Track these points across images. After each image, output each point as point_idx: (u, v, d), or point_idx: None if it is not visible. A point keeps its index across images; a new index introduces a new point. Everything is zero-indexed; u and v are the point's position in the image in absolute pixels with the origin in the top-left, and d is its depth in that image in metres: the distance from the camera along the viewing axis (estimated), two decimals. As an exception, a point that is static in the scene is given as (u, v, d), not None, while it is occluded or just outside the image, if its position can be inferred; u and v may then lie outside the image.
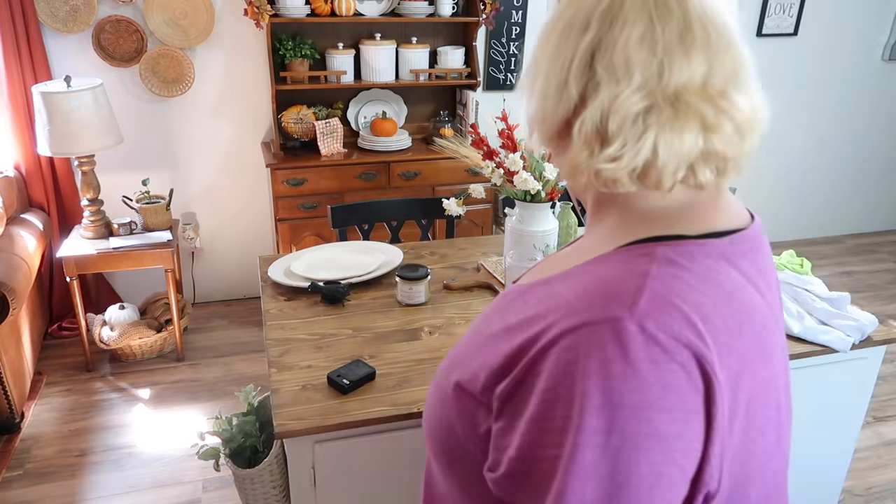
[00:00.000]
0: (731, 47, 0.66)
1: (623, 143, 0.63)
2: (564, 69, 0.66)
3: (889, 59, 4.08)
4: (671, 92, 0.63)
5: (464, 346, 0.76)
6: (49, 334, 3.14)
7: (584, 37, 0.65)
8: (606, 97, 0.63)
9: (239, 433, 1.69)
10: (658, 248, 0.65)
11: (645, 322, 0.58)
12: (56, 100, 2.52)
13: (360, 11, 2.99)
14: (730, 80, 0.65)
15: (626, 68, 0.63)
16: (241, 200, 3.38)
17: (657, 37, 0.63)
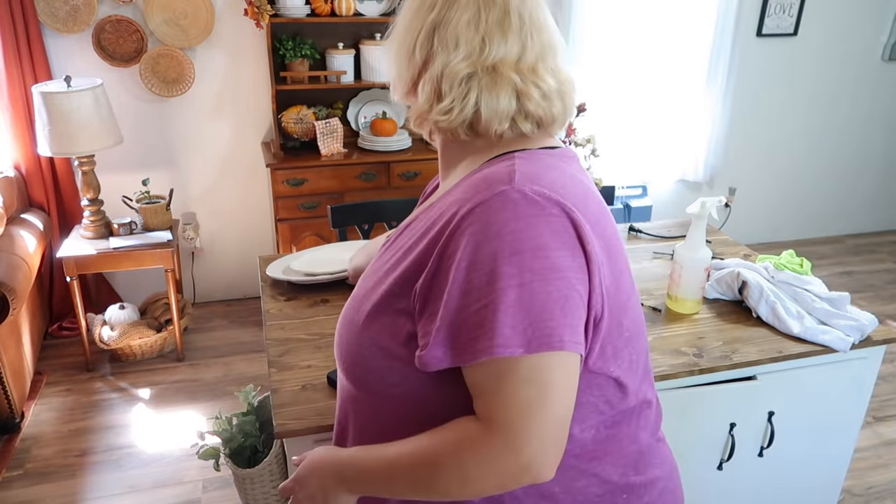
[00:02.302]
0: (541, 34, 0.86)
1: (452, 100, 0.83)
2: (413, 39, 0.86)
3: (889, 59, 4.08)
4: (490, 63, 0.83)
5: (362, 284, 0.91)
6: (49, 334, 3.14)
7: (430, 15, 0.84)
8: (441, 63, 0.84)
9: (239, 433, 1.70)
10: (515, 154, 0.85)
11: (523, 188, 0.77)
12: (56, 100, 2.52)
13: (360, 11, 2.99)
14: (539, 59, 0.85)
15: (456, 42, 0.83)
16: (241, 200, 3.38)
17: (481, 20, 0.83)
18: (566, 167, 0.86)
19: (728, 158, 4.03)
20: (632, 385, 0.89)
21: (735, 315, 1.70)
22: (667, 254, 2.05)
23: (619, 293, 0.84)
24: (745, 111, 3.96)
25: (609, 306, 0.82)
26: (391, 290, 0.83)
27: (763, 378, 1.56)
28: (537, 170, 0.81)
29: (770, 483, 1.74)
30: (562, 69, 0.88)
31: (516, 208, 0.75)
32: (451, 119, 0.84)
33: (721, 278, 1.74)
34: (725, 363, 1.51)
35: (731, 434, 1.61)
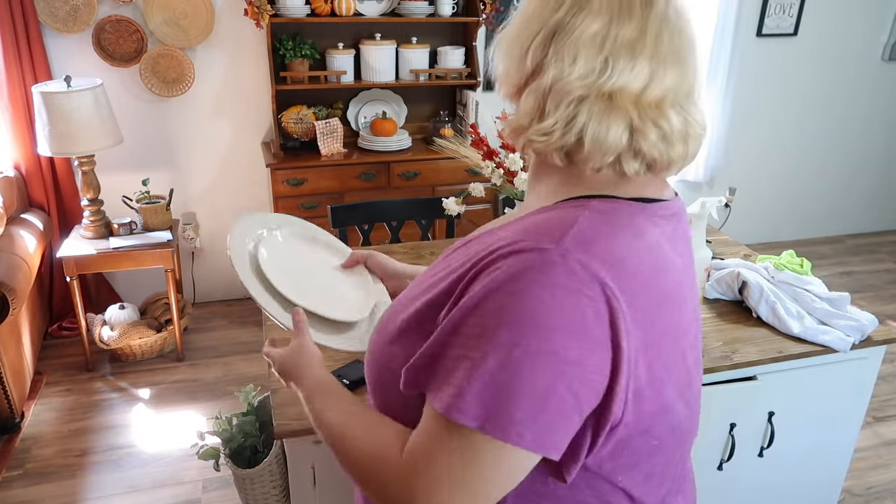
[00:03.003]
0: (680, 65, 0.71)
1: (555, 121, 0.71)
2: (529, 39, 0.73)
3: (889, 59, 4.08)
4: (607, 90, 0.69)
5: (408, 291, 0.84)
6: (49, 334, 3.14)
7: (554, 15, 0.71)
8: (552, 76, 0.70)
9: (239, 433, 1.70)
10: (592, 202, 0.73)
11: (567, 255, 0.65)
12: (56, 100, 2.52)
13: (360, 11, 2.99)
14: (667, 94, 0.71)
15: (575, 56, 0.69)
16: (241, 200, 3.38)
17: (610, 37, 0.69)
18: (651, 232, 0.73)
19: (728, 158, 4.03)
20: (648, 499, 0.79)
21: (735, 315, 1.70)
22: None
23: (657, 397, 0.72)
24: (745, 111, 3.96)
25: (635, 412, 0.70)
26: (421, 310, 0.76)
27: (763, 378, 1.56)
28: (603, 231, 0.69)
29: (770, 483, 1.74)
30: (693, 108, 0.75)
31: (549, 274, 0.65)
32: (548, 142, 0.72)
33: (721, 278, 1.74)
34: (726, 363, 1.51)
35: (732, 434, 1.61)
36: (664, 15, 0.70)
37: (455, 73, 3.20)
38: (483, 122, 3.09)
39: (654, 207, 0.75)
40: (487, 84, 3.50)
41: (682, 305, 0.76)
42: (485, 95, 3.46)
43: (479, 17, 3.10)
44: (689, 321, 0.78)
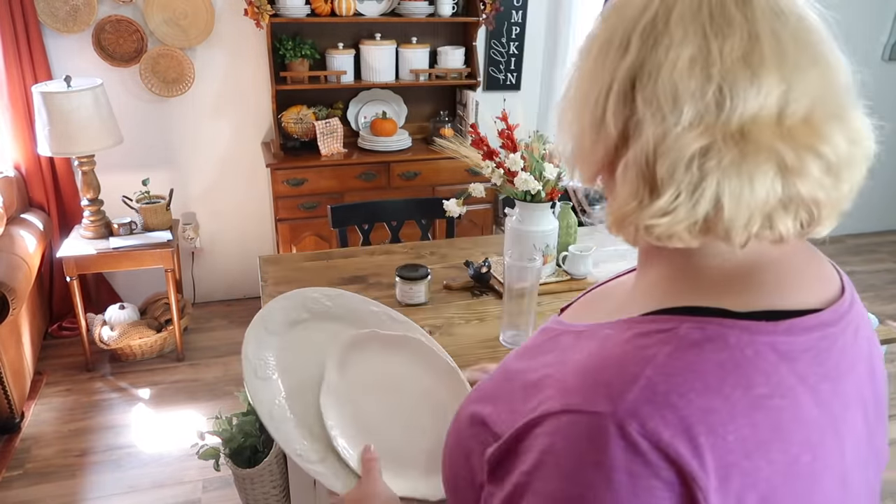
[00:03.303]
0: (820, 61, 0.54)
1: (676, 192, 0.51)
2: (601, 101, 0.54)
3: (889, 59, 4.08)
4: (735, 127, 0.50)
5: (492, 380, 0.68)
6: (49, 334, 3.13)
7: (624, 60, 0.53)
8: (651, 136, 0.51)
9: (239, 433, 1.70)
10: (684, 326, 0.53)
11: (627, 424, 0.48)
12: (56, 100, 2.52)
13: (360, 11, 2.99)
14: (817, 106, 0.52)
15: (674, 99, 0.50)
16: (241, 200, 3.38)
17: (714, 57, 0.50)
18: (764, 377, 0.51)
19: (728, 158, 4.02)
20: None
21: (735, 315, 1.70)
22: (667, 254, 2.05)
23: None
24: (745, 111, 3.96)
25: None
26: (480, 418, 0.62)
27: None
28: (686, 385, 0.50)
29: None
30: (854, 117, 0.57)
31: (605, 452, 0.48)
32: (672, 222, 0.52)
33: (721, 278, 1.74)
34: (726, 363, 1.50)
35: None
36: (771, 7, 0.52)
37: (455, 73, 3.20)
38: (483, 122, 3.09)
39: (787, 330, 0.54)
40: (487, 84, 3.50)
41: (819, 486, 0.54)
42: (485, 95, 3.46)
43: (479, 17, 3.10)
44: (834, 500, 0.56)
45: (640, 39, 0.52)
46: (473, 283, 1.83)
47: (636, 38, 0.52)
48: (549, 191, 1.69)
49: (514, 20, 3.40)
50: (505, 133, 1.71)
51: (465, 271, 1.89)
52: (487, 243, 2.16)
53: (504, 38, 3.43)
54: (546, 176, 1.66)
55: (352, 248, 2.14)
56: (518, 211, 1.74)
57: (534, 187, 1.64)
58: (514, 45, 3.45)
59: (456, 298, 1.78)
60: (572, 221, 1.94)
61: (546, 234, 1.73)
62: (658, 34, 0.52)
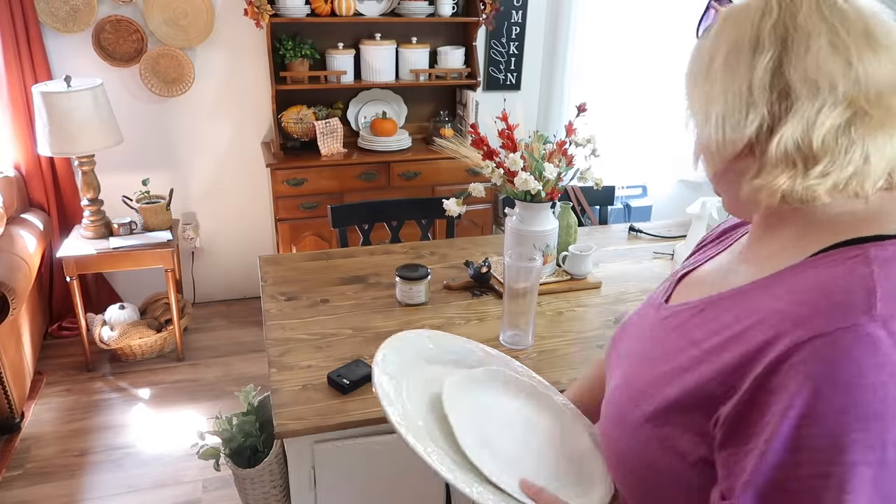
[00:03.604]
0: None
1: (832, 157, 0.61)
2: (745, 92, 0.63)
3: (889, 59, 4.08)
4: (874, 95, 0.60)
5: (637, 375, 0.73)
6: (49, 334, 3.14)
7: (761, 57, 0.63)
8: (806, 112, 0.61)
9: (239, 433, 1.69)
10: (870, 250, 0.61)
11: (890, 324, 0.55)
12: (56, 100, 2.52)
13: (360, 11, 2.99)
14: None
15: (826, 79, 0.60)
16: (241, 200, 3.38)
17: (847, 41, 0.61)
18: None
19: (728, 158, 4.02)
20: None
21: (735, 315, 1.70)
22: (667, 254, 2.05)
23: None
24: (746, 111, 3.96)
25: None
26: (681, 400, 0.67)
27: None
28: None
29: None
30: None
31: (878, 353, 0.54)
32: (824, 182, 0.62)
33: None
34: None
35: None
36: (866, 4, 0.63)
37: (455, 73, 3.20)
38: (483, 122, 3.09)
39: None
40: (487, 84, 3.50)
41: None
42: (485, 95, 3.46)
43: (479, 17, 3.10)
44: None
45: (772, 37, 0.63)
46: (473, 283, 1.83)
47: (767, 38, 0.63)
48: (549, 191, 1.69)
49: (514, 20, 3.40)
50: (505, 133, 1.71)
51: (465, 271, 1.89)
52: (487, 243, 2.16)
53: (504, 38, 3.43)
54: (546, 176, 1.66)
55: (352, 248, 2.14)
56: (518, 211, 1.74)
57: (534, 187, 1.64)
58: (514, 45, 3.45)
59: (456, 298, 1.78)
60: (572, 221, 1.94)
61: (546, 234, 1.73)
62: (788, 31, 0.62)
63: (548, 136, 1.75)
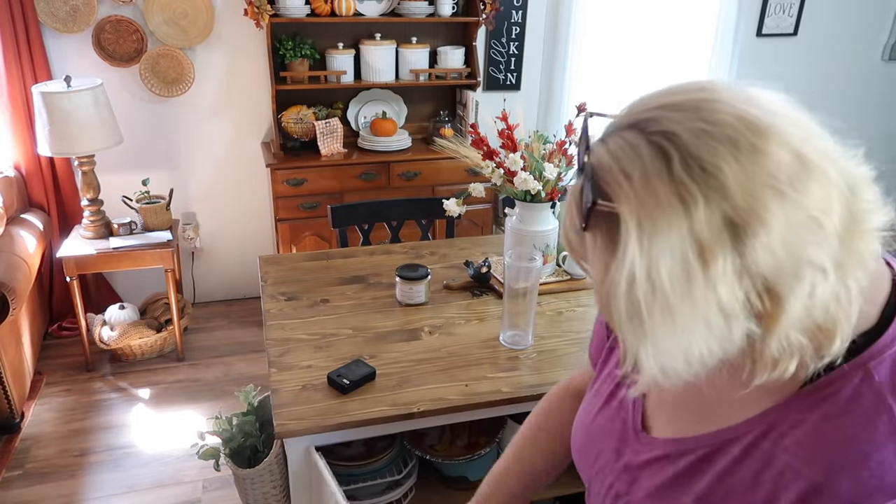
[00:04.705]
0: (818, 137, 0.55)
1: (842, 321, 0.53)
2: (716, 315, 0.51)
3: (889, 59, 4.08)
4: (845, 235, 0.52)
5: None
6: (49, 334, 3.13)
7: (715, 267, 0.49)
8: (798, 300, 0.51)
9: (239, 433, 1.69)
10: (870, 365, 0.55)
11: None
12: (56, 100, 2.52)
13: (360, 11, 2.99)
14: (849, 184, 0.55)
15: (800, 253, 0.50)
16: (241, 200, 3.38)
17: (800, 201, 0.49)
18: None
19: (728, 158, 4.02)
20: None
21: (735, 315, 1.70)
22: (667, 254, 2.05)
23: None
24: (745, 111, 3.96)
25: None
26: None
27: (763, 378, 1.55)
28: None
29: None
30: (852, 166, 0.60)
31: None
32: (840, 348, 0.55)
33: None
34: (726, 363, 1.50)
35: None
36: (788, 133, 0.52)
37: (455, 73, 3.20)
38: (483, 122, 3.09)
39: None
40: (487, 84, 3.50)
41: None
42: (485, 95, 3.46)
43: (479, 17, 3.10)
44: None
45: (717, 232, 0.49)
46: (473, 283, 1.83)
47: (711, 237, 0.49)
48: (549, 191, 1.69)
49: (514, 20, 3.40)
50: (505, 133, 1.71)
51: (465, 271, 1.89)
52: (487, 243, 2.16)
53: (504, 38, 3.43)
54: (546, 176, 1.66)
55: (352, 248, 2.14)
56: (518, 211, 1.74)
57: (534, 187, 1.64)
58: (514, 45, 3.45)
59: (456, 298, 1.78)
60: (572, 221, 1.93)
61: (546, 234, 1.73)
62: (732, 214, 0.49)
63: (548, 136, 1.75)
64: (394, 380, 1.42)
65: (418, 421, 1.35)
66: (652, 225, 0.49)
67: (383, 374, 1.44)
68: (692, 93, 0.54)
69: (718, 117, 0.50)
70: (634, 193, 0.50)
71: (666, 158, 0.50)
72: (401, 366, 1.47)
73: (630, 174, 0.51)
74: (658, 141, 0.51)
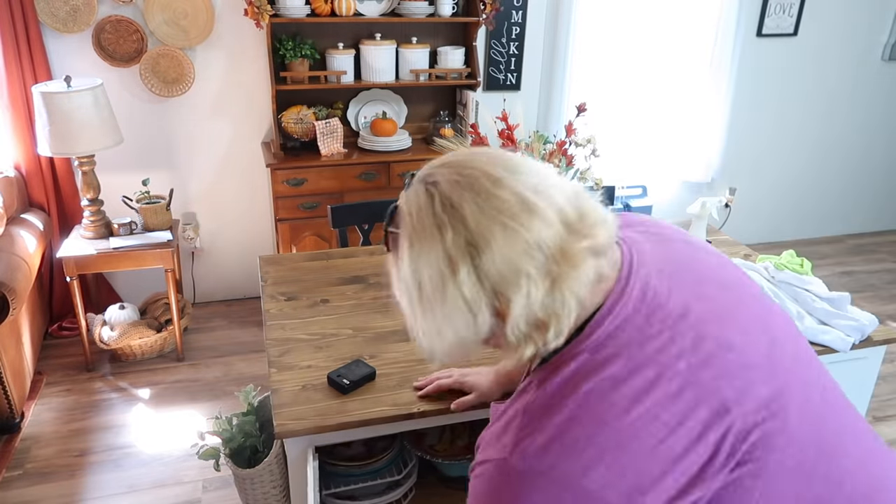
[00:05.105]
0: (552, 188, 0.72)
1: (557, 318, 0.70)
2: (464, 307, 0.69)
3: (889, 59, 4.08)
4: (558, 253, 0.68)
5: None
6: (49, 334, 3.14)
7: (460, 274, 0.68)
8: (520, 299, 0.68)
9: (239, 433, 1.69)
10: (540, 373, 0.75)
11: (519, 463, 0.69)
12: (56, 100, 2.52)
13: (360, 11, 2.99)
14: (578, 210, 0.71)
15: (518, 268, 0.67)
16: (241, 200, 3.38)
17: (515, 225, 0.67)
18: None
19: (728, 158, 4.02)
20: None
21: (735, 315, 1.70)
22: (667, 254, 2.05)
23: None
24: (745, 111, 3.96)
25: None
26: None
27: (763, 378, 1.56)
28: (553, 423, 0.70)
29: (770, 483, 1.73)
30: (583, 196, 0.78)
31: (518, 489, 0.68)
32: (558, 339, 0.72)
33: (721, 278, 1.74)
34: (726, 363, 1.51)
35: (732, 434, 1.60)
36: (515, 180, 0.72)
37: (455, 73, 3.20)
38: (483, 122, 3.09)
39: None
40: (487, 84, 3.50)
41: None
42: (485, 95, 3.46)
43: (479, 17, 3.10)
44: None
45: (461, 250, 0.68)
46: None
47: (457, 254, 0.68)
48: (549, 191, 1.69)
49: (514, 20, 3.40)
50: (505, 133, 1.71)
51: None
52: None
53: (504, 38, 3.43)
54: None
55: (352, 248, 2.14)
56: (518, 211, 1.74)
57: (534, 187, 1.64)
58: (514, 45, 3.45)
59: (456, 298, 1.77)
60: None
61: (546, 234, 1.72)
62: (471, 238, 0.68)
63: (548, 136, 1.75)
64: (394, 380, 1.42)
65: (418, 421, 1.35)
66: (420, 245, 0.70)
67: (383, 374, 1.44)
68: (460, 156, 0.75)
69: (468, 171, 0.71)
70: (411, 224, 0.72)
71: (431, 200, 0.71)
72: (401, 366, 1.47)
73: (411, 211, 0.72)
74: (429, 188, 0.72)
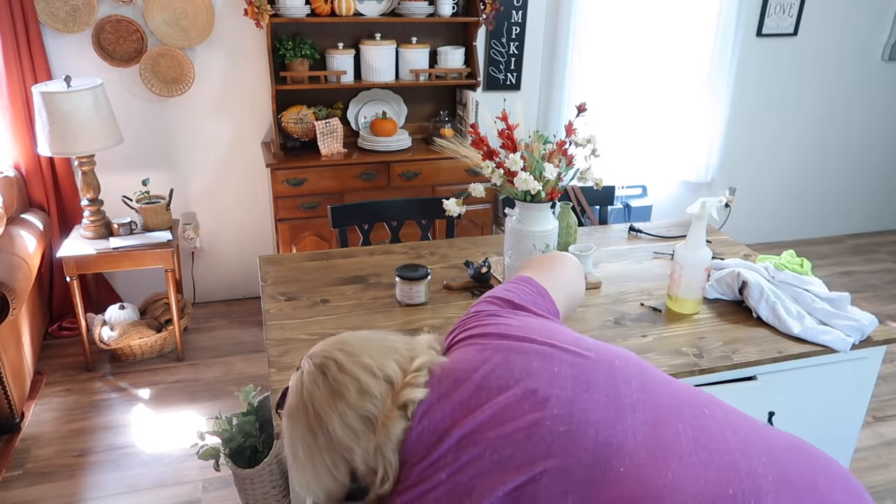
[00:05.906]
0: (372, 343, 0.98)
1: (380, 468, 0.86)
2: (329, 465, 0.89)
3: (889, 59, 4.08)
4: (382, 418, 0.87)
5: None
6: (49, 334, 3.14)
7: (318, 441, 0.89)
8: (359, 451, 0.87)
9: (239, 433, 1.70)
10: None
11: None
12: (56, 100, 2.52)
13: (360, 11, 2.99)
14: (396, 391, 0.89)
15: (355, 436, 0.87)
16: (241, 200, 3.38)
17: (349, 398, 0.88)
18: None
19: (728, 158, 4.03)
20: None
21: (735, 315, 1.70)
22: (667, 254, 2.05)
23: None
24: (745, 111, 3.96)
25: None
26: None
27: (763, 378, 1.56)
28: None
29: (770, 483, 1.73)
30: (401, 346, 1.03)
31: None
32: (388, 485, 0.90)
33: (721, 278, 1.74)
34: (726, 363, 1.51)
35: (732, 434, 1.60)
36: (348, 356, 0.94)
37: (455, 73, 3.20)
38: (483, 122, 3.10)
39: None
40: (487, 84, 3.50)
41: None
42: (485, 95, 3.46)
43: (479, 17, 3.10)
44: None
45: (315, 427, 0.89)
46: (473, 283, 1.83)
47: (315, 427, 0.89)
48: (549, 191, 1.69)
49: (514, 20, 3.40)
50: (505, 133, 1.71)
51: (465, 271, 1.89)
52: (487, 243, 2.16)
53: (504, 38, 3.43)
54: (546, 176, 1.66)
55: (352, 248, 2.14)
56: (518, 211, 1.74)
57: (534, 187, 1.64)
58: (514, 45, 3.45)
59: (456, 298, 1.78)
60: (572, 221, 1.94)
61: (546, 234, 1.73)
62: (318, 419, 0.89)
63: (548, 136, 1.75)
64: (394, 380, 1.42)
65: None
66: (293, 423, 0.92)
67: (383, 375, 1.43)
68: (330, 344, 0.98)
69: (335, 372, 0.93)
70: (288, 404, 0.95)
71: (302, 385, 0.93)
72: (401, 366, 1.47)
73: (292, 392, 0.95)
74: (305, 370, 0.95)
